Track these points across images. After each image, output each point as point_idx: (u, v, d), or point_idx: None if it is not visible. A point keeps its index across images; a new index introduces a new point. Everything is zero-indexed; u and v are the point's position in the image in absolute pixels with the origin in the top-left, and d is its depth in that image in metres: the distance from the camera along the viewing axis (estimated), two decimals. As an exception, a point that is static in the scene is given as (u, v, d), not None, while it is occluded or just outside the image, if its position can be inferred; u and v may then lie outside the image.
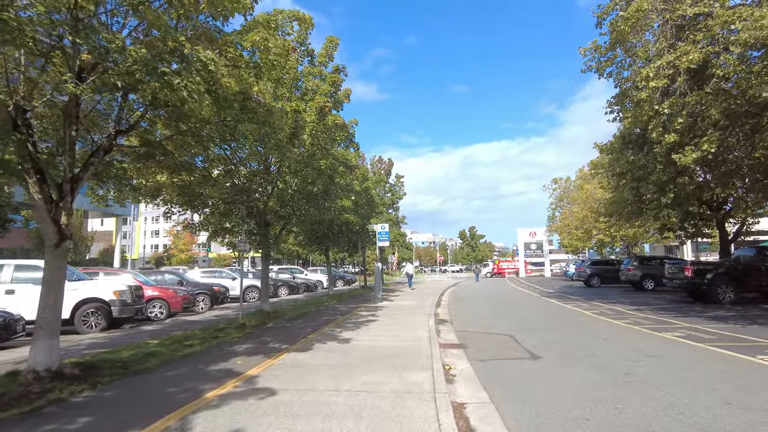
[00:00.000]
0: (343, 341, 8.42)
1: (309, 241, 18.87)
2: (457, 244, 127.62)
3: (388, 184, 31.70)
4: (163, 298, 13.97)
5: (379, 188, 27.06)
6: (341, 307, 15.45)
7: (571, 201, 43.06)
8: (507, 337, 9.18)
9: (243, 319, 11.03)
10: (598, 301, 16.41)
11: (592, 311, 13.28)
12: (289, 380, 5.55)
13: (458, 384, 5.61)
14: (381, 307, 15.26)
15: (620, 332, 9.32)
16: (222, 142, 6.59)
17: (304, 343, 8.33)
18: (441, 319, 12.48)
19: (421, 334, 9.31)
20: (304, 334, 9.44)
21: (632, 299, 17.00)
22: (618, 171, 15.51)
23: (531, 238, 54.07)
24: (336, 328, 10.13)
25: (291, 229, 14.16)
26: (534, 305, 16.07)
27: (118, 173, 6.79)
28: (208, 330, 9.98)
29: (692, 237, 21.56)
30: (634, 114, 12.16)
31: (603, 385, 5.31)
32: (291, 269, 28.60)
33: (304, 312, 13.57)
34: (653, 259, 22.52)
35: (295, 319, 12.20)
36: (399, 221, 33.37)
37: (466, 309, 15.33)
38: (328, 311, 14.08)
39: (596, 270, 25.86)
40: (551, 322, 11.20)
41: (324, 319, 12.12)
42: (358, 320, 11.69)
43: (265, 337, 9.08)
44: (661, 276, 20.78)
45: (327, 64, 11.52)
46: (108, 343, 8.94)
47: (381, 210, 22.21)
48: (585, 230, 35.63)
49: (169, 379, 5.71)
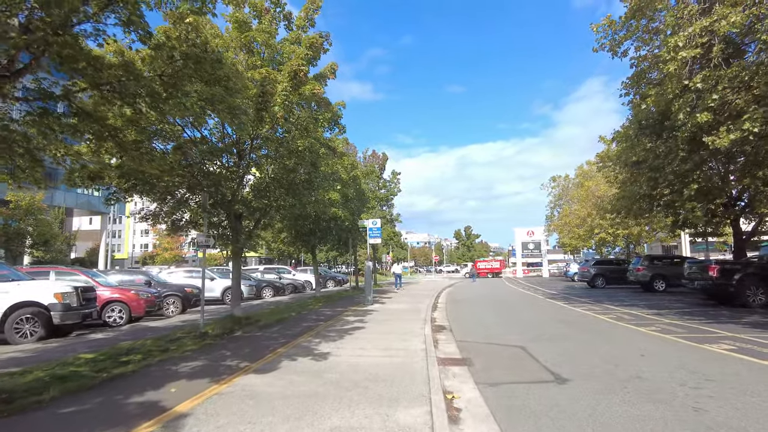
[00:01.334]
0: (318, 357, 6.82)
1: (294, 238, 17.23)
2: (453, 245, 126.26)
3: (382, 180, 30.12)
4: (123, 300, 12.28)
5: (371, 182, 25.43)
6: (326, 311, 13.83)
7: (571, 199, 41.73)
8: (518, 349, 7.63)
9: (206, 326, 9.40)
10: (609, 304, 14.93)
11: (607, 315, 11.77)
12: (228, 423, 3.94)
13: (466, 425, 4.04)
14: (371, 311, 13.67)
15: (654, 344, 7.80)
16: (152, 102, 5.00)
17: (271, 360, 6.72)
18: (438, 325, 10.92)
19: (416, 345, 7.73)
20: (274, 346, 7.82)
21: (646, 301, 15.53)
22: (633, 160, 14.02)
23: (528, 237, 52.77)
24: (314, 339, 8.52)
25: (269, 224, 12.52)
26: (540, 308, 14.55)
27: (19, 142, 5.14)
28: (161, 340, 8.34)
29: (709, 235, 20.18)
30: (658, 92, 10.65)
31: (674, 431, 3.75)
32: (278, 269, 26.90)
33: (283, 317, 11.94)
34: (664, 258, 21.11)
35: (269, 326, 10.57)
36: (393, 219, 31.78)
37: (466, 313, 13.78)
38: (311, 316, 12.46)
39: (601, 270, 24.44)
40: (566, 330, 9.67)
41: (303, 326, 10.50)
42: (342, 327, 10.09)
43: (225, 351, 7.45)
44: (674, 276, 19.46)
45: (306, 28, 9.90)
46: (31, 358, 7.27)
47: (373, 205, 20.57)
48: (586, 229, 34.25)
49: (58, 422, 4.08)
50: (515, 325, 10.57)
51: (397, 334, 8.99)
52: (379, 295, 20.08)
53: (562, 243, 49.42)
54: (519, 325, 10.56)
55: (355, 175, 16.16)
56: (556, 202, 49.32)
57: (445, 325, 10.83)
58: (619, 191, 20.39)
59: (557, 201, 48.91)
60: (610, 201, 23.48)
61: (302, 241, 17.12)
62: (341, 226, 17.91)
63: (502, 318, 12.15)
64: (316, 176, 11.28)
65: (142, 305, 12.52)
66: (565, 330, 9.66)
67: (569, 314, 12.55)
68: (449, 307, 15.68)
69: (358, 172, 16.83)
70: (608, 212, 23.01)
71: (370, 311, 13.47)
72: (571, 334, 9.14)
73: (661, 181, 13.26)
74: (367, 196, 18.68)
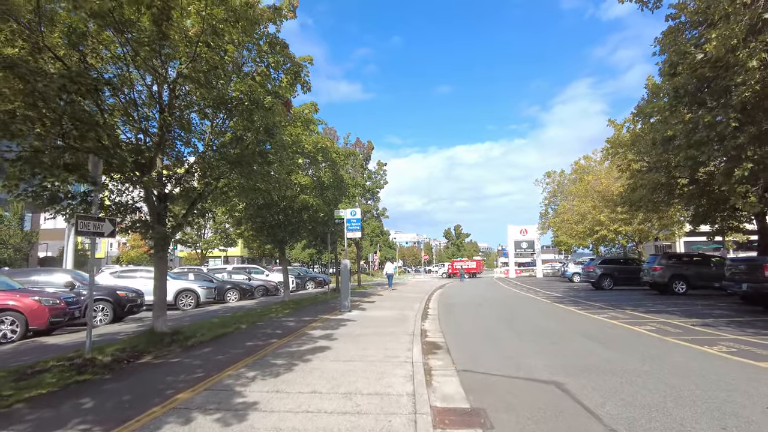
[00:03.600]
0: (234, 415, 4.07)
1: (257, 231, 14.33)
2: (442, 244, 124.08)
3: (367, 171, 27.41)
4: (18, 309, 9.36)
5: (352, 169, 22.64)
6: (290, 321, 11.05)
7: (568, 195, 39.48)
8: (552, 388, 5.01)
9: (100, 349, 6.57)
10: (632, 310, 12.43)
11: (643, 326, 9.24)
12: None
13: None
14: (345, 321, 10.94)
15: (752, 377, 5.23)
16: None
17: (145, 422, 3.95)
18: (431, 342, 8.24)
19: (398, 385, 5.03)
20: (179, 387, 5.04)
21: (675, 307, 13.07)
22: (668, 134, 11.52)
23: (522, 236, 50.45)
24: (247, 372, 5.75)
25: (209, 209, 9.67)
26: (552, 316, 11.99)
27: None
28: (18, 372, 5.51)
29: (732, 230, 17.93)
30: (721, 35, 8.10)
31: None
32: (248, 268, 23.98)
33: (226, 332, 9.13)
34: (684, 256, 18.76)
35: (200, 345, 7.77)
36: (380, 214, 29.08)
37: (465, 322, 11.13)
38: (265, 329, 9.67)
39: (608, 270, 22.04)
40: (603, 351, 7.07)
41: (247, 345, 7.72)
42: (299, 349, 7.34)
43: (83, 399, 4.65)
44: (696, 277, 17.13)
45: None
46: None
47: (353, 194, 17.76)
48: (586, 226, 31.96)
49: None
50: (532, 342, 7.94)
51: (373, 362, 6.27)
52: (361, 299, 17.35)
53: (557, 241, 47.36)
54: (537, 342, 7.93)
55: (329, 155, 13.36)
56: (551, 199, 47.20)
57: (441, 343, 8.16)
58: (633, 181, 18.01)
59: (552, 198, 46.77)
60: (619, 193, 21.11)
61: (267, 235, 14.26)
62: (316, 218, 15.12)
63: (511, 330, 9.52)
64: (262, 139, 8.44)
65: (45, 315, 9.60)
66: (602, 351, 7.06)
67: (593, 324, 9.98)
68: (443, 314, 13.02)
69: (333, 152, 14.04)
70: (617, 205, 20.64)
71: (345, 321, 10.73)
72: (614, 358, 6.53)
73: (702, 159, 10.78)
74: (346, 183, 15.87)
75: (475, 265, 54.47)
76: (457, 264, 52.46)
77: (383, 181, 28.02)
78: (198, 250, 46.48)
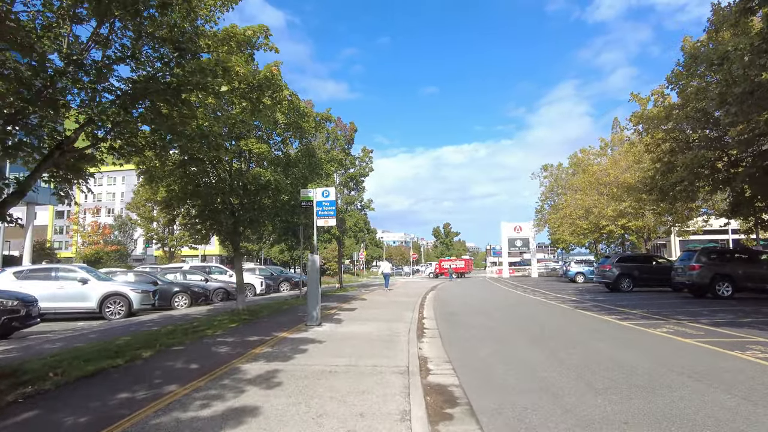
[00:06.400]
0: None
1: (195, 217, 10.72)
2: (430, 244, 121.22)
3: (350, 157, 24.03)
4: None
5: (330, 144, 19.22)
6: (225, 343, 7.61)
7: (568, 188, 36.68)
8: None
9: None
10: (686, 319, 9.34)
11: (746, 352, 6.12)
12: None
13: None
14: (308, 343, 7.59)
15: None
16: None
17: None
18: (437, 388, 4.96)
19: None
20: None
21: (743, 314, 10.05)
22: (725, 51, 8.46)
23: (516, 233, 47.66)
24: None
25: (89, 157, 6.06)
26: (595, 332, 8.82)
27: None
28: None
29: None
30: None
31: None
32: (208, 268, 20.37)
33: (105, 366, 5.67)
34: (726, 253, 15.83)
35: (21, 405, 4.32)
36: (365, 206, 25.71)
37: (478, 343, 7.86)
38: (179, 359, 6.25)
39: (627, 269, 19.09)
40: (735, 408, 3.87)
41: (110, 405, 4.31)
42: (197, 415, 3.96)
43: None
44: (745, 278, 14.23)
45: None
46: None
47: (328, 170, 14.14)
48: (591, 221, 29.11)
49: None
50: (611, 390, 4.69)
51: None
52: (339, 305, 13.98)
53: (555, 239, 44.69)
54: (616, 390, 4.70)
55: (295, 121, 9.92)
56: (548, 194, 44.50)
57: (454, 390, 4.87)
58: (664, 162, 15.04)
59: (549, 193, 44.07)
60: (642, 180, 18.18)
61: (209, 224, 10.71)
62: (280, 203, 11.68)
63: (553, 359, 6.27)
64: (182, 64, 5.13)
65: None
66: (736, 406, 3.85)
67: (666, 346, 6.82)
68: (444, 327, 9.74)
69: (305, 123, 10.50)
70: (642, 192, 17.68)
71: (306, 344, 7.36)
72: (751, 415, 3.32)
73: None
74: (319, 158, 12.36)
75: (463, 265, 51.66)
76: (445, 263, 49.85)
77: (368, 168, 24.68)
78: (166, 248, 42.39)
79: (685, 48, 14.57)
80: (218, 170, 10.11)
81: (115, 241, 51.38)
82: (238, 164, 10.15)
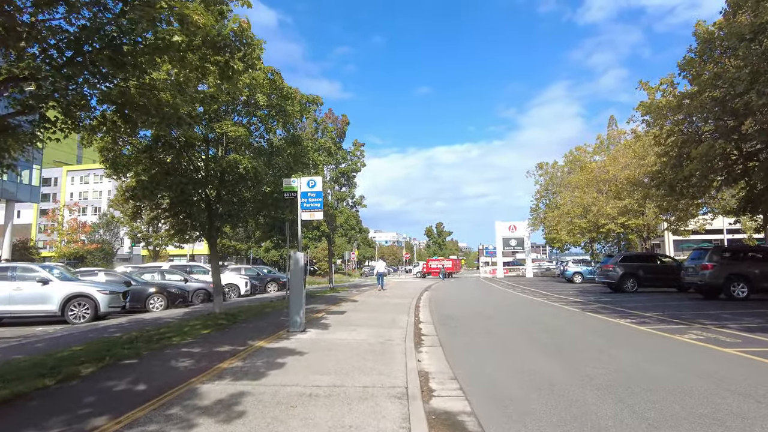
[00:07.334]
0: None
1: (170, 212, 9.54)
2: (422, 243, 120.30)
3: (341, 150, 22.90)
4: None
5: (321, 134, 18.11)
6: (190, 355, 6.46)
7: (564, 187, 35.92)
8: None
9: None
10: (710, 324, 8.39)
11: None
12: None
13: None
14: (286, 355, 6.48)
15: None
16: None
17: None
18: (445, 416, 3.87)
19: None
20: None
21: (762, 316, 9.15)
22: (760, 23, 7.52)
23: (510, 232, 46.83)
24: None
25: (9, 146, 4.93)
26: (607, 336, 7.82)
27: None
28: None
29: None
30: None
31: None
32: (190, 267, 19.13)
33: (28, 388, 4.49)
34: (741, 252, 14.98)
35: None
36: (356, 202, 24.59)
37: (484, 353, 6.81)
38: (129, 376, 5.09)
39: (631, 268, 18.21)
40: None
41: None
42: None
43: None
44: (763, 277, 13.38)
45: None
46: None
47: (316, 160, 12.93)
48: (589, 220, 28.31)
49: None
50: (669, 425, 3.66)
51: None
52: (327, 308, 12.87)
53: (550, 238, 43.96)
54: (673, 418, 3.67)
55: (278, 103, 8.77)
56: (543, 193, 43.81)
57: (471, 428, 3.77)
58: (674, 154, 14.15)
59: (544, 191, 43.37)
60: (649, 173, 17.31)
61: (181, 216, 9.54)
62: (262, 194, 10.51)
63: (575, 374, 5.23)
64: None
65: None
66: None
67: (706, 358, 5.84)
68: (444, 333, 8.67)
69: (288, 106, 9.36)
70: (650, 188, 16.79)
71: (285, 356, 6.25)
72: None
73: None
74: (305, 146, 11.17)
75: (450, 265, 50.76)
76: (433, 263, 49.17)
77: (360, 163, 23.58)
78: (150, 247, 40.80)
79: (698, 33, 13.70)
80: (191, 157, 8.94)
81: (99, 240, 49.58)
82: (214, 150, 8.99)
